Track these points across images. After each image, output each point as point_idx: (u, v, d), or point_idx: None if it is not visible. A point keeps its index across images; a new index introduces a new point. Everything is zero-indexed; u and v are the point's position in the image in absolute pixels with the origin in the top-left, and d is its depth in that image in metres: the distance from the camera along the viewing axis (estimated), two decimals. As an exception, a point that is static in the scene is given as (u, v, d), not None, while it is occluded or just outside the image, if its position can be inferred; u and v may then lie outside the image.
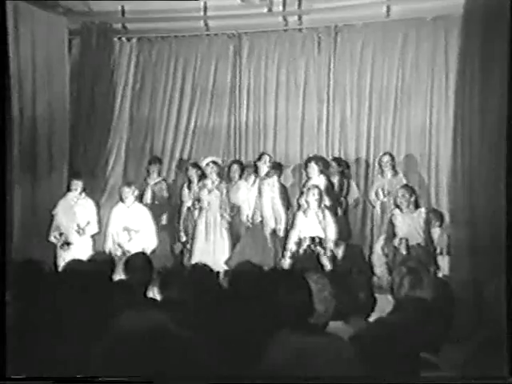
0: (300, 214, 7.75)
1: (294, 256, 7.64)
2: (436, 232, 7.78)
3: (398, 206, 7.55)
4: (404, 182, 8.23)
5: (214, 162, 8.36)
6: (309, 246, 7.61)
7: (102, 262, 4.74)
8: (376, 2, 8.58)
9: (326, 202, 7.82)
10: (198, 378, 2.09)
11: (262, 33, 9.40)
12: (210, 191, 8.23)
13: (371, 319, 3.67)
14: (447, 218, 7.33)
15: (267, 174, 8.24)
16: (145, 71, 9.70)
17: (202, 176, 8.36)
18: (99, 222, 8.14)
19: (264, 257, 7.80)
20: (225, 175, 8.64)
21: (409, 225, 7.43)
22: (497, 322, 3.48)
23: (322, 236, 7.61)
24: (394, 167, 8.42)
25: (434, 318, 3.08)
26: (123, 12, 9.14)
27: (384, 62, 8.99)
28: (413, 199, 7.50)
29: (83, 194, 8.03)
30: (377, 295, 3.83)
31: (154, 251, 7.71)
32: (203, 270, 4.54)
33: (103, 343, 2.05)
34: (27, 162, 7.86)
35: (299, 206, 7.82)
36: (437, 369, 2.72)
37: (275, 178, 8.24)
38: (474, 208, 4.85)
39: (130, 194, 7.97)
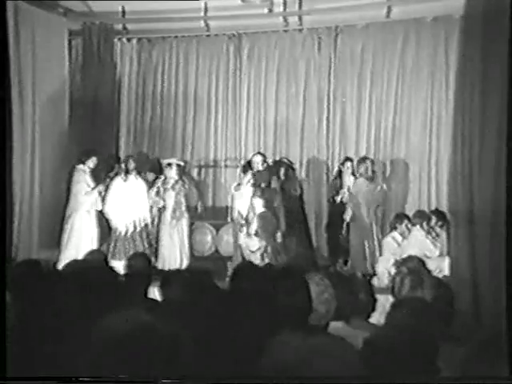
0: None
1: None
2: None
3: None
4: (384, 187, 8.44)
5: (177, 164, 8.48)
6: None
7: (97, 261, 4.74)
8: (376, 2, 8.59)
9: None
10: (198, 378, 2.09)
11: (263, 33, 9.43)
12: (173, 190, 8.30)
13: (371, 319, 3.67)
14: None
15: None
16: (145, 72, 9.72)
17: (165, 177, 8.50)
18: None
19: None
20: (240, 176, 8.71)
21: None
22: (497, 321, 3.48)
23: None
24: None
25: (433, 318, 3.08)
26: (124, 12, 9.14)
27: (384, 62, 9.01)
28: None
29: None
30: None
31: (146, 225, 8.29)
32: (203, 270, 4.54)
33: (103, 343, 2.05)
34: (27, 162, 7.86)
35: None
36: (437, 369, 2.72)
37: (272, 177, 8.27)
38: (474, 208, 4.84)
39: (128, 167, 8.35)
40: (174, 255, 8.18)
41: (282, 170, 8.52)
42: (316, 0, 8.66)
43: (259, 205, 7.91)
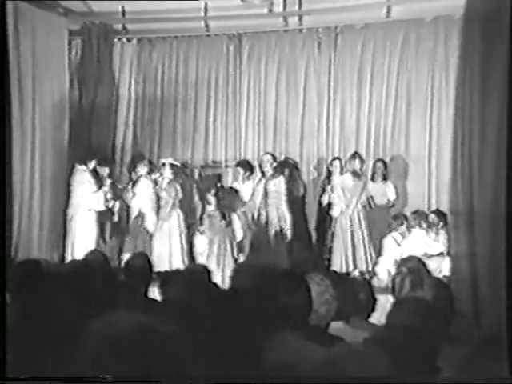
0: None
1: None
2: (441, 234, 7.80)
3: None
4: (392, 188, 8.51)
5: (171, 164, 8.51)
6: None
7: (97, 261, 4.74)
8: (376, 2, 8.59)
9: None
10: (197, 378, 2.09)
11: (263, 33, 9.42)
12: (164, 190, 8.32)
13: (371, 319, 3.68)
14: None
15: (273, 174, 8.24)
16: (145, 72, 9.71)
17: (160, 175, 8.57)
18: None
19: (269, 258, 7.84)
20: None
21: None
22: (497, 321, 3.48)
23: None
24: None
25: (433, 318, 3.08)
26: (123, 12, 9.14)
27: (384, 62, 9.01)
28: None
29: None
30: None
31: None
32: (203, 270, 4.54)
33: (103, 343, 2.04)
34: (27, 162, 7.86)
35: None
36: (437, 369, 2.72)
37: (281, 177, 8.22)
38: (475, 208, 4.84)
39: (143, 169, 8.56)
40: (162, 256, 8.11)
41: (287, 171, 8.49)
42: (316, 0, 8.65)
43: (212, 204, 8.00)
